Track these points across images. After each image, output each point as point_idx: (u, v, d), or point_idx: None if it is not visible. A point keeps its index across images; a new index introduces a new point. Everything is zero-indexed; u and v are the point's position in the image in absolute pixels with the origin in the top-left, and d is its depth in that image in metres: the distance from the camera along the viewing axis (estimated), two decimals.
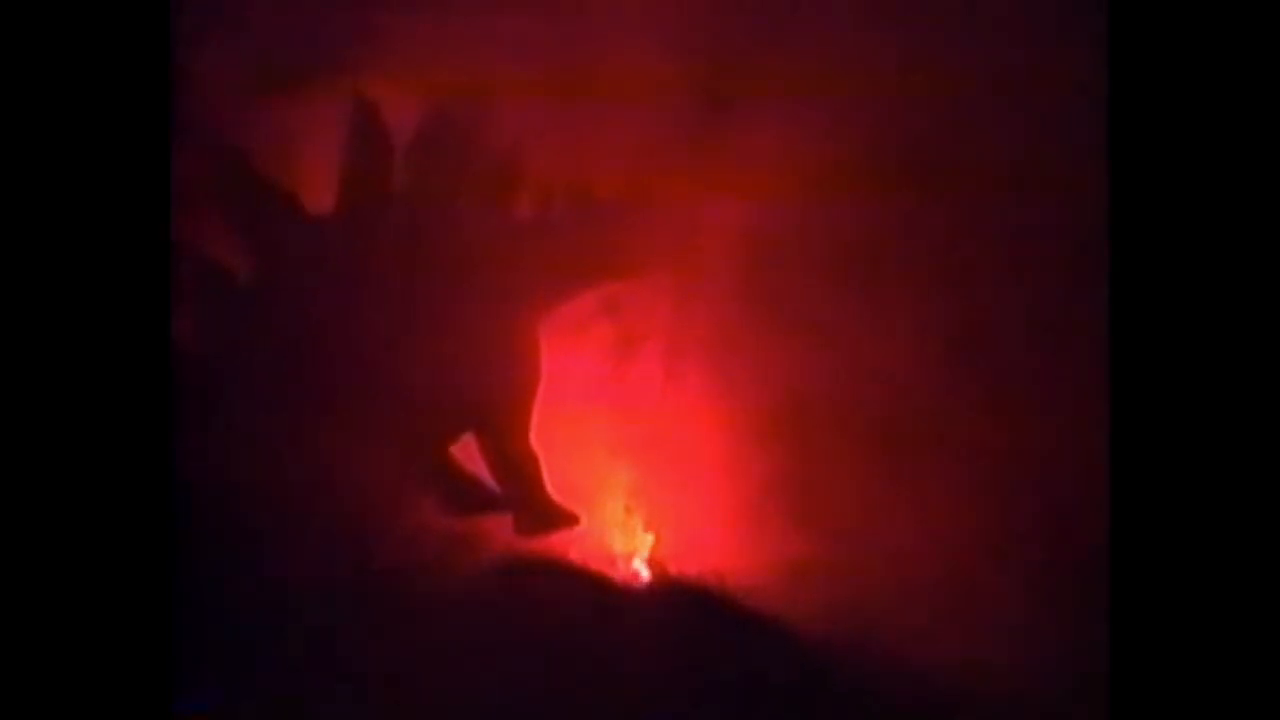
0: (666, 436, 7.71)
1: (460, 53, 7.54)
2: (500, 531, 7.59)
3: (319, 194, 7.62)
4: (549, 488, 7.68)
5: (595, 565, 7.64)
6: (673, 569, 7.66)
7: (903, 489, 7.49)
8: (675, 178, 7.58)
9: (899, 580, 7.40)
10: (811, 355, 7.58)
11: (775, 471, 7.60)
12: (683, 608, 7.51)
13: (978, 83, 7.37)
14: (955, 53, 7.42)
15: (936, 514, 7.43)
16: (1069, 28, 7.10)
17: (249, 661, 7.01)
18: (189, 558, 6.28)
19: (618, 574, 7.66)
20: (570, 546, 7.68)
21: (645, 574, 7.68)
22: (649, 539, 7.71)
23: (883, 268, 7.57)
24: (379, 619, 7.23)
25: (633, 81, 7.53)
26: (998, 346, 7.43)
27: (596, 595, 7.51)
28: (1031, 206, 7.39)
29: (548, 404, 7.69)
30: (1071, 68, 7.00)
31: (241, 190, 7.59)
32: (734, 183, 7.58)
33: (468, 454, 7.73)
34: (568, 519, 7.67)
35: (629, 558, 7.68)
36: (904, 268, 7.56)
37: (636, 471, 7.72)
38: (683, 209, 7.64)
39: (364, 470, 7.44)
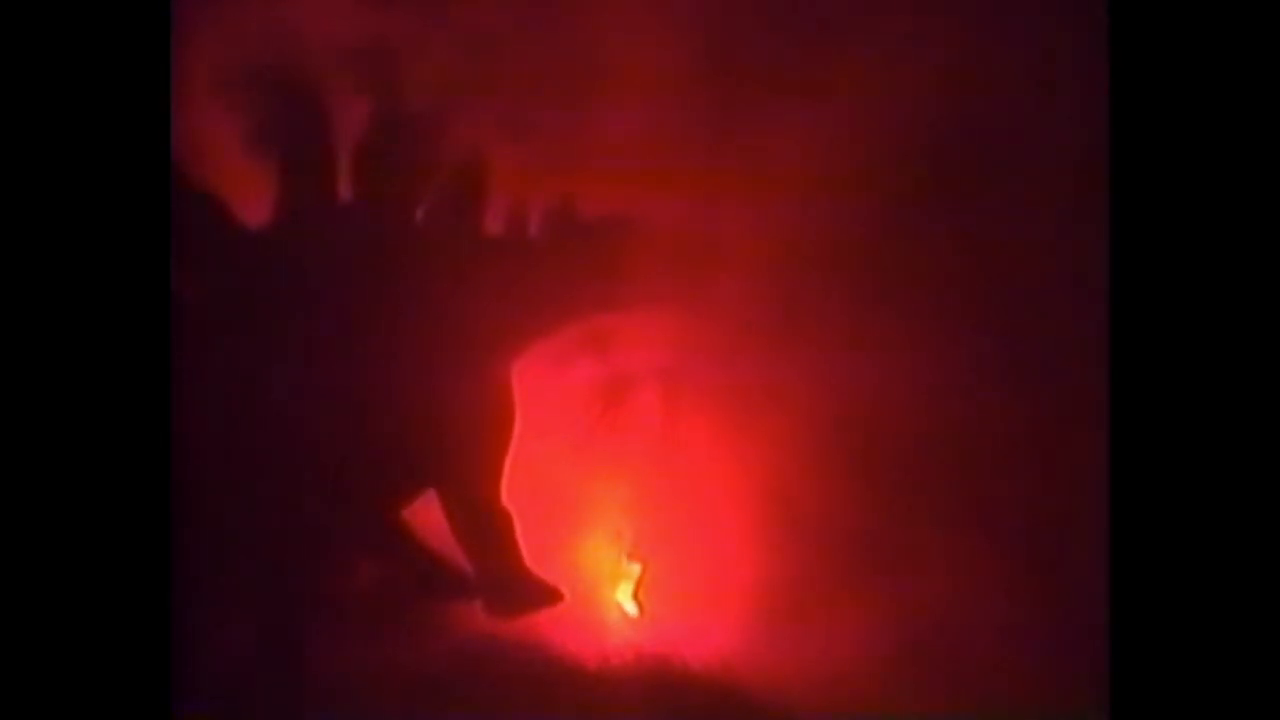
0: (664, 494, 7.36)
1: (420, 41, 7.16)
2: (468, 611, 7.20)
3: (253, 205, 7.17)
4: (525, 556, 7.25)
5: (584, 653, 7.21)
6: (675, 659, 7.22)
7: (940, 550, 7.22)
8: (672, 190, 7.24)
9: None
10: (835, 398, 7.23)
11: (793, 540, 7.27)
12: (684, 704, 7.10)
13: (979, 84, 7.25)
14: (956, 54, 7.27)
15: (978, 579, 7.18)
16: (1068, 27, 7.15)
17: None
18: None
19: (609, 663, 7.19)
20: (552, 628, 7.22)
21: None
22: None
23: (906, 285, 7.38)
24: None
25: (624, 76, 7.18)
26: (1021, 367, 7.30)
27: (584, 689, 7.02)
28: (1040, 212, 7.32)
29: (523, 456, 7.29)
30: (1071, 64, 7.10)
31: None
32: (740, 196, 7.28)
33: (428, 517, 7.28)
34: (549, 596, 7.21)
35: (621, 651, 7.25)
36: (928, 283, 7.38)
37: (628, 533, 7.39)
38: (681, 227, 7.30)
39: (301, 537, 7.08)
